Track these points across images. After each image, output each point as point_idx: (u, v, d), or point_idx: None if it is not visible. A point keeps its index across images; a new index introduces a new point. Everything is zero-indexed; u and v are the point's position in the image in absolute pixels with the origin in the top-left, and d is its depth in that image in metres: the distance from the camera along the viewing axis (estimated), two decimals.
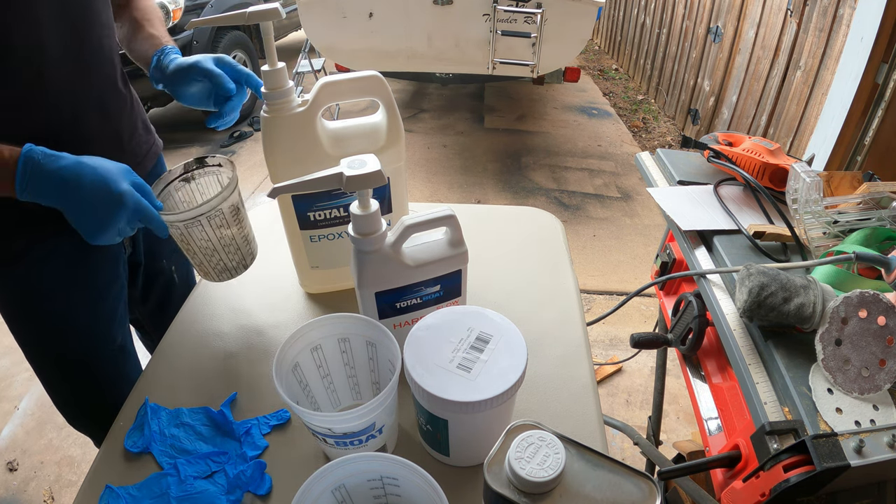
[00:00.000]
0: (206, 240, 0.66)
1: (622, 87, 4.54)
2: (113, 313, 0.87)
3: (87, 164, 0.59)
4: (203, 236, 0.65)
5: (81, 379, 0.87)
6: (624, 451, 1.58)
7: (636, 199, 2.91)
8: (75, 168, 0.58)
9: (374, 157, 0.57)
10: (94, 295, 0.83)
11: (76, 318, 0.82)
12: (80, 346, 0.84)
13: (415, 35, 2.66)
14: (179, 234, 0.65)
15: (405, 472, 0.44)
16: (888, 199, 0.76)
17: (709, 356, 0.84)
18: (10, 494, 1.49)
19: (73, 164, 0.58)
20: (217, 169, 0.72)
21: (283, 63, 0.66)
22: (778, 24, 2.50)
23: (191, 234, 0.65)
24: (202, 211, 0.63)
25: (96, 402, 0.90)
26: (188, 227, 0.64)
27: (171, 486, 0.56)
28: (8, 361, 1.89)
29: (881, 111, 1.67)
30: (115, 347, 0.88)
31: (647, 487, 0.40)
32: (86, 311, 0.83)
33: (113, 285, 0.86)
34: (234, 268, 0.72)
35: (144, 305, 1.00)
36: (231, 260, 0.71)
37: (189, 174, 0.71)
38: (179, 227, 0.63)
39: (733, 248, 0.80)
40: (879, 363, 0.58)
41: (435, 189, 2.97)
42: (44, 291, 0.78)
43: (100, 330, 0.85)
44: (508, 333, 0.54)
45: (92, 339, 0.85)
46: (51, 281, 0.78)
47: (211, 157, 0.71)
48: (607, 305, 2.17)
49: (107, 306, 0.85)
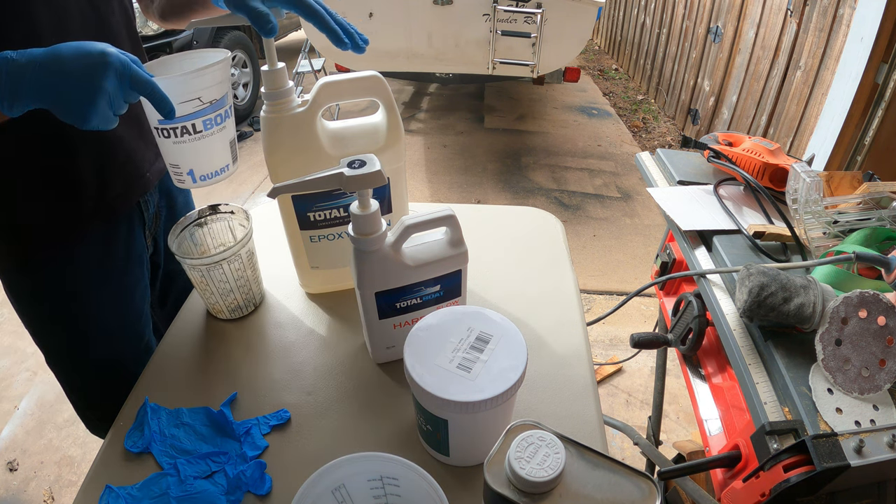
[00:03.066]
0: (224, 281, 0.72)
1: (622, 87, 4.54)
2: (139, 313, 0.87)
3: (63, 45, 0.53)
4: (222, 278, 0.72)
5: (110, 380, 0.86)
6: (624, 451, 1.58)
7: (636, 199, 2.91)
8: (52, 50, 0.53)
9: (375, 157, 0.57)
10: (122, 295, 0.83)
11: (105, 319, 0.82)
12: (110, 347, 0.84)
13: (415, 35, 2.66)
14: (200, 275, 0.71)
15: (405, 472, 0.44)
16: (888, 198, 0.76)
17: (709, 356, 0.84)
18: (10, 494, 1.49)
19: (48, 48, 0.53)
20: (229, 216, 0.78)
21: (283, 63, 0.66)
22: (778, 24, 2.50)
23: (212, 276, 0.71)
24: (225, 256, 0.70)
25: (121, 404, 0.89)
26: (210, 269, 0.70)
27: (171, 487, 0.56)
28: (8, 361, 1.89)
29: (881, 111, 1.67)
30: (142, 347, 0.88)
31: (647, 487, 0.40)
32: (115, 312, 0.83)
33: (139, 285, 0.86)
34: (245, 306, 0.78)
35: (162, 309, 1.00)
36: (244, 296, 0.77)
37: (202, 220, 0.77)
38: (201, 269, 0.70)
39: (733, 248, 0.80)
40: (879, 363, 0.58)
41: (435, 189, 2.97)
42: (72, 294, 0.78)
43: (128, 330, 0.85)
44: (508, 333, 0.54)
45: (121, 339, 0.85)
46: (79, 283, 0.78)
47: (224, 204, 0.77)
48: (607, 305, 2.17)
49: (135, 306, 0.85)
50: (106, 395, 0.88)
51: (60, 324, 0.81)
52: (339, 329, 0.77)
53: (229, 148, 0.68)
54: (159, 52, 3.03)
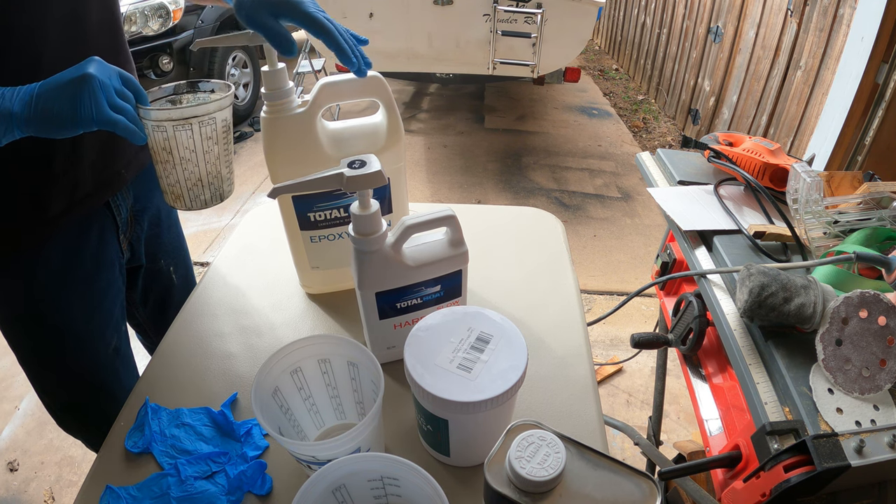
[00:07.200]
0: (191, 149, 0.61)
1: (622, 87, 4.54)
2: (108, 317, 0.86)
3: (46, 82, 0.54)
4: (189, 145, 0.61)
5: (75, 382, 0.87)
6: (624, 451, 1.58)
7: (636, 199, 2.91)
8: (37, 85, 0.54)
9: (375, 158, 0.57)
10: (90, 299, 0.83)
11: (71, 322, 0.82)
12: (75, 350, 0.84)
13: (415, 35, 2.66)
14: (164, 137, 0.59)
15: (405, 472, 0.44)
16: (888, 198, 0.76)
17: (709, 356, 0.84)
18: (10, 494, 1.49)
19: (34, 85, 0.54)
20: (209, 95, 0.67)
21: (283, 64, 0.66)
22: (778, 24, 2.50)
23: (178, 139, 0.59)
24: (197, 113, 0.59)
25: (90, 406, 0.90)
26: (177, 129, 0.59)
27: (171, 487, 0.56)
28: (8, 361, 1.89)
29: (881, 111, 1.67)
30: (110, 352, 0.88)
31: (647, 487, 0.40)
32: (81, 316, 0.82)
33: (109, 289, 0.85)
34: (212, 195, 0.67)
35: (145, 308, 1.00)
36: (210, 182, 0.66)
37: (177, 96, 0.66)
38: (167, 128, 0.58)
39: (734, 248, 0.80)
40: (880, 363, 0.58)
41: (435, 189, 2.96)
42: (39, 295, 0.78)
43: (95, 334, 0.85)
44: (509, 333, 0.54)
45: (87, 343, 0.84)
46: (46, 285, 0.77)
47: (205, 81, 0.66)
48: (608, 305, 2.17)
49: (103, 310, 0.85)
50: (74, 396, 0.89)
51: (27, 325, 0.81)
52: (339, 329, 0.77)
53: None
54: (159, 53, 3.03)
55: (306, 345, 0.55)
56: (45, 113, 0.53)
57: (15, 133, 0.54)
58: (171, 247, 0.99)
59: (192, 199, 0.66)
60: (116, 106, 0.55)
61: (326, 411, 0.62)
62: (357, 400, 0.60)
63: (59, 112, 0.53)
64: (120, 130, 0.54)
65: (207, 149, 0.63)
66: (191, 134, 0.60)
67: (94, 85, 0.53)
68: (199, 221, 2.66)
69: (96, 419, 0.85)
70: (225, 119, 0.63)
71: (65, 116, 0.53)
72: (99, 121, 0.53)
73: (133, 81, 0.58)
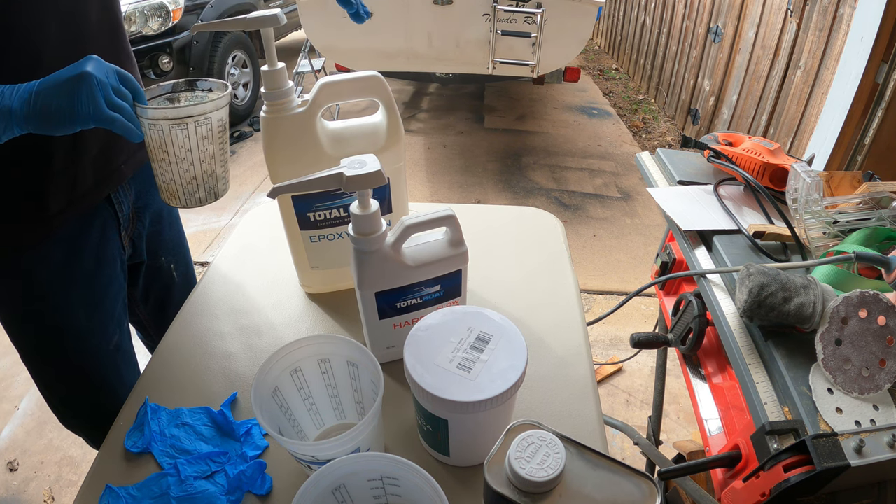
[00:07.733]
0: (186, 148, 0.61)
1: (622, 87, 4.54)
2: (110, 314, 0.86)
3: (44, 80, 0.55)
4: (185, 144, 0.61)
5: (77, 379, 0.87)
6: (624, 451, 1.58)
7: (636, 199, 2.91)
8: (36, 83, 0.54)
9: (375, 158, 0.57)
10: (91, 296, 0.83)
11: (73, 320, 0.82)
12: (77, 347, 0.84)
13: (415, 35, 2.66)
14: (160, 136, 0.59)
15: (405, 472, 0.44)
16: (888, 198, 0.76)
17: (709, 356, 0.84)
18: (10, 494, 1.49)
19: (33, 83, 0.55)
20: (207, 94, 0.67)
21: (283, 63, 0.66)
22: (778, 24, 2.50)
23: (174, 137, 0.59)
24: (192, 112, 0.59)
25: (91, 403, 0.90)
26: (173, 127, 0.59)
27: (171, 486, 0.56)
28: (8, 361, 1.89)
29: (881, 111, 1.67)
30: (111, 348, 0.88)
31: (647, 487, 0.40)
32: (83, 313, 0.83)
33: (111, 286, 0.85)
34: (206, 194, 0.67)
35: (146, 305, 1.00)
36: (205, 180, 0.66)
37: (175, 94, 0.66)
38: (164, 126, 0.59)
39: (733, 248, 0.80)
40: (879, 363, 0.58)
41: (435, 189, 2.96)
42: (40, 293, 0.78)
43: (97, 331, 0.85)
44: (508, 333, 0.54)
45: (89, 340, 0.85)
46: (48, 282, 0.78)
47: (202, 80, 0.67)
48: (607, 305, 2.17)
49: (104, 307, 0.85)
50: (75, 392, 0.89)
51: (29, 322, 0.81)
52: (339, 329, 0.77)
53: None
54: (159, 53, 3.03)
55: (306, 345, 0.55)
56: (44, 110, 0.53)
57: (14, 130, 0.54)
58: (172, 244, 0.99)
59: (187, 197, 0.66)
60: (114, 104, 0.55)
61: (326, 411, 0.62)
62: (357, 400, 0.60)
63: (57, 109, 0.53)
64: (117, 128, 0.55)
65: (203, 148, 0.63)
66: (186, 133, 0.61)
67: (92, 83, 0.53)
68: (199, 221, 2.66)
69: (97, 415, 0.85)
70: (221, 119, 0.64)
71: (63, 114, 0.53)
72: (96, 118, 0.54)
73: (131, 79, 0.59)
